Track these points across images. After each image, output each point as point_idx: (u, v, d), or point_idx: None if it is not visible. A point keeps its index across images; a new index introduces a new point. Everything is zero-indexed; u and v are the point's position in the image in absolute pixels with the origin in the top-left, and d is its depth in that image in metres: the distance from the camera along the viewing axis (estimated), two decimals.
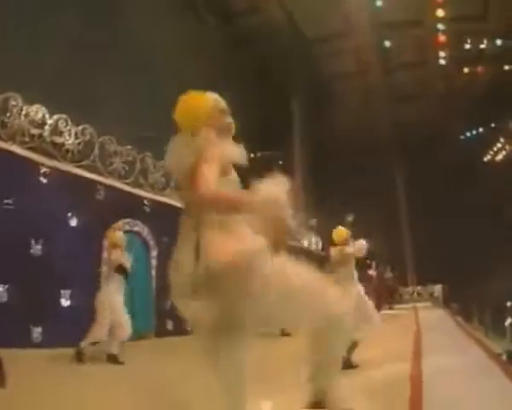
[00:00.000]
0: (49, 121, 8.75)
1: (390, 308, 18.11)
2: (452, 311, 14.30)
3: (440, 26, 11.94)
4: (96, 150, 10.00)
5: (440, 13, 11.43)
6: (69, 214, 8.87)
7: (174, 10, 13.12)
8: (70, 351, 6.66)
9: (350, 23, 14.34)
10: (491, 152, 16.32)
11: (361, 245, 7.20)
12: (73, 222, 8.93)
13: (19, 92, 8.13)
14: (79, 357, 6.54)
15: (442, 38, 12.26)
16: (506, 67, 12.11)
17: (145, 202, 11.32)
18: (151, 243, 11.12)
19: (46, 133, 8.66)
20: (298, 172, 19.40)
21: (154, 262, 11.06)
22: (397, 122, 17.00)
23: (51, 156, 8.70)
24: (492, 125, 15.51)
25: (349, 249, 7.06)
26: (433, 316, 14.44)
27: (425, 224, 19.04)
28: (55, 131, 8.89)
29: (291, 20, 15.82)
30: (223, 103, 2.85)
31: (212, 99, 2.83)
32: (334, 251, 7.20)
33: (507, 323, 9.67)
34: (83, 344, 6.62)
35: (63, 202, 8.66)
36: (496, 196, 14.43)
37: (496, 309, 10.68)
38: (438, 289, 22.16)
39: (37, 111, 8.51)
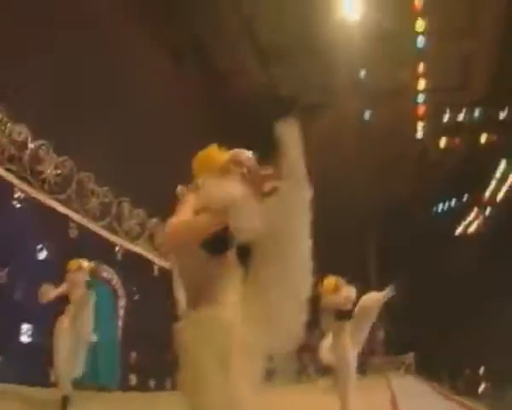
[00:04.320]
0: (31, 145, 8.33)
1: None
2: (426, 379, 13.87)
3: (421, 98, 12.42)
4: (74, 186, 9.57)
5: (421, 84, 11.91)
6: (39, 246, 8.29)
7: (155, 53, 13.10)
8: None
9: (330, 94, 14.73)
10: (464, 224, 16.72)
11: (351, 293, 6.60)
12: (42, 255, 8.33)
13: (3, 106, 7.73)
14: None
15: (422, 109, 12.72)
16: (483, 138, 12.61)
17: (117, 248, 10.77)
18: (120, 291, 10.47)
19: (26, 157, 8.22)
20: None
21: (121, 312, 10.36)
22: (373, 192, 17.17)
23: (28, 182, 8.21)
24: (465, 197, 15.96)
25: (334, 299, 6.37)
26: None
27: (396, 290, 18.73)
28: (36, 157, 8.45)
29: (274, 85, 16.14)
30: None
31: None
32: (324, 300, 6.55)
33: (480, 389, 9.34)
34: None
35: (34, 232, 8.12)
36: (467, 266, 14.65)
37: (469, 375, 10.40)
38: (410, 357, 21.62)
39: (21, 132, 8.10)
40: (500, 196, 14.36)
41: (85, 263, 7.66)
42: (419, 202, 17.02)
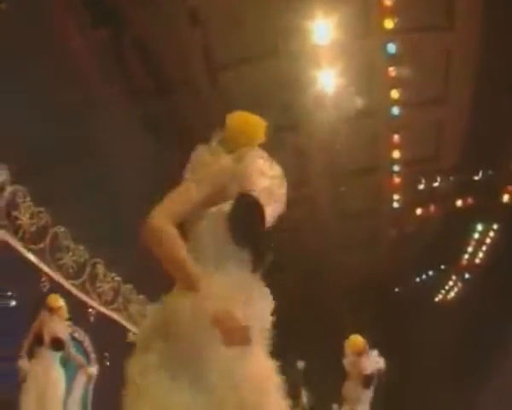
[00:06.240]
0: (9, 189, 8.02)
1: None
2: None
3: (395, 169, 12.67)
4: (48, 240, 9.17)
5: (396, 155, 12.21)
6: (9, 293, 7.81)
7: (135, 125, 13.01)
8: None
9: (303, 172, 14.87)
10: (443, 292, 16.63)
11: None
12: (12, 303, 7.83)
13: None
14: None
15: (397, 180, 12.95)
16: (458, 203, 12.84)
17: (90, 310, 10.21)
18: (92, 355, 9.80)
19: (3, 201, 7.90)
20: None
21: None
22: (347, 269, 16.94)
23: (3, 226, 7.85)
24: (444, 264, 15.96)
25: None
26: None
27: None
28: (13, 201, 8.14)
29: None
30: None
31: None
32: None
33: None
34: None
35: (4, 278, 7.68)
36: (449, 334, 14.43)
37: None
38: None
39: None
40: (478, 260, 14.47)
41: None
42: (397, 275, 16.95)
